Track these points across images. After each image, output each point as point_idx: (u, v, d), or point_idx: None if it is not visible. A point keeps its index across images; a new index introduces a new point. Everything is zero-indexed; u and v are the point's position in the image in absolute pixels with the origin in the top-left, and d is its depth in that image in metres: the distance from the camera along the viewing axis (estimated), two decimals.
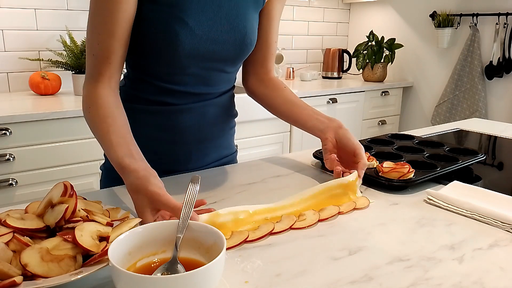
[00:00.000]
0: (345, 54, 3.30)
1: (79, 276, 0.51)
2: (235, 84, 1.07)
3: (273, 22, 1.03)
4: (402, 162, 0.97)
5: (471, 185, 0.90)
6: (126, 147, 0.76)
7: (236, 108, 1.11)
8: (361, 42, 3.16)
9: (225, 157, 1.09)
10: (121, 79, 0.99)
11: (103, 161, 1.04)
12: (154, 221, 0.68)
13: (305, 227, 0.73)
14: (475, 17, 2.81)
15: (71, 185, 0.63)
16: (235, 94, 1.09)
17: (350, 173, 0.87)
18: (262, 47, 1.04)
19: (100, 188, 1.04)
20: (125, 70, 0.99)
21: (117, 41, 0.82)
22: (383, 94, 3.12)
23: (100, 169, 1.06)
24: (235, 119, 1.11)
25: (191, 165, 1.01)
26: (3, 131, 1.73)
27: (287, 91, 1.06)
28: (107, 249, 0.50)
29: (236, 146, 1.17)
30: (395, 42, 3.09)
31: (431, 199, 0.85)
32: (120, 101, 0.86)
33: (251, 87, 1.10)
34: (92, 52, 0.83)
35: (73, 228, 0.57)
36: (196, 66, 0.92)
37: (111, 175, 0.99)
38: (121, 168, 0.74)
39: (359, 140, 1.21)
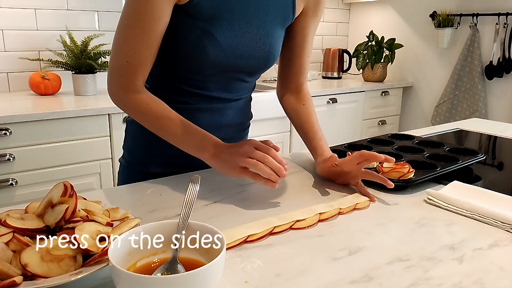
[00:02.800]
0: (345, 54, 3.30)
1: (79, 276, 0.51)
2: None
3: (308, 39, 1.04)
4: (402, 162, 0.97)
5: (471, 185, 0.90)
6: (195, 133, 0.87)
7: None
8: (361, 42, 3.16)
9: None
10: None
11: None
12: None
13: (305, 227, 0.73)
14: (475, 17, 2.81)
15: (71, 185, 0.63)
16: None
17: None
18: (296, 63, 1.06)
19: (118, 180, 1.09)
20: None
21: (153, 50, 0.86)
22: (383, 94, 3.12)
23: (119, 161, 1.10)
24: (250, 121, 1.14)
25: (201, 162, 1.02)
26: (3, 131, 1.73)
27: (305, 109, 1.07)
28: (107, 249, 0.50)
29: None
30: (395, 42, 3.09)
31: (431, 199, 0.85)
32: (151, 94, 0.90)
33: (283, 102, 1.12)
34: (126, 59, 0.85)
35: (73, 228, 0.57)
36: (219, 75, 0.95)
37: (130, 167, 1.05)
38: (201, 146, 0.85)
39: (359, 140, 1.21)
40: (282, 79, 1.10)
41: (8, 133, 1.74)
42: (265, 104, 2.34)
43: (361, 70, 3.21)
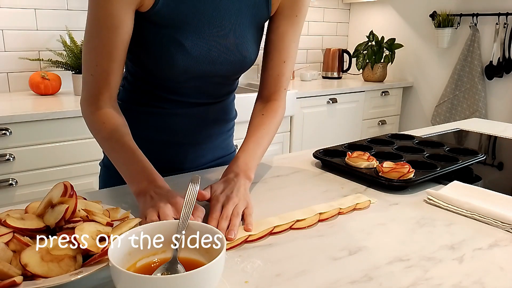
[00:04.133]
0: (345, 54, 3.30)
1: (79, 276, 0.51)
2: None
3: (284, 42, 0.93)
4: (402, 162, 0.97)
5: (471, 185, 0.90)
6: (143, 172, 0.78)
7: (236, 108, 1.11)
8: (361, 42, 3.16)
9: (221, 157, 1.09)
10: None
11: (102, 157, 1.04)
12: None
13: (305, 227, 0.73)
14: (475, 17, 2.81)
15: (71, 185, 0.63)
16: (235, 95, 1.09)
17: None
18: (270, 68, 0.95)
19: (99, 184, 1.05)
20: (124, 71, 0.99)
21: (116, 62, 0.81)
22: (383, 94, 3.12)
23: (99, 165, 1.07)
24: (235, 120, 1.11)
25: (186, 166, 1.02)
26: (3, 131, 1.73)
27: (258, 118, 0.95)
28: (107, 249, 0.50)
29: (236, 146, 1.17)
30: (395, 42, 3.09)
31: (431, 199, 0.85)
32: (122, 116, 0.86)
33: (254, 107, 1.00)
34: (90, 72, 0.82)
35: (73, 228, 0.57)
36: (194, 81, 0.91)
37: (109, 172, 1.01)
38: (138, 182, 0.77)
39: (359, 140, 1.21)
40: (260, 85, 1.00)
41: (8, 133, 1.74)
42: None
43: (361, 70, 3.21)
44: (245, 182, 0.82)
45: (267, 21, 0.95)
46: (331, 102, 2.80)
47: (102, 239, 0.58)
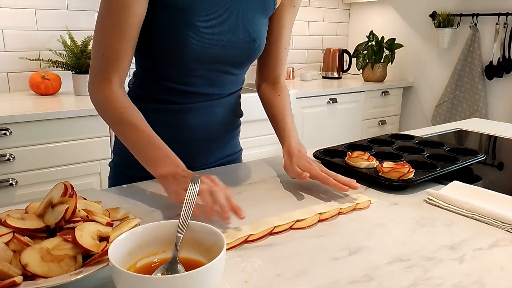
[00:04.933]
0: (345, 54, 3.30)
1: (79, 276, 0.51)
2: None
3: (284, 29, 1.03)
4: (402, 162, 0.97)
5: (471, 185, 0.90)
6: (158, 149, 0.82)
7: None
8: (361, 42, 3.16)
9: (230, 155, 1.11)
10: (130, 77, 1.01)
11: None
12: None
13: (305, 227, 0.73)
14: (475, 17, 2.81)
15: (71, 185, 0.63)
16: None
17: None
18: (272, 53, 1.05)
19: (108, 184, 1.06)
20: (134, 69, 0.99)
21: (128, 42, 0.83)
22: (383, 94, 3.12)
23: (109, 165, 1.08)
24: (241, 119, 1.13)
25: (196, 163, 1.02)
26: (3, 131, 1.73)
27: (279, 100, 1.07)
28: (107, 249, 0.50)
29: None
30: (395, 42, 3.09)
31: (431, 199, 0.85)
32: (129, 99, 0.88)
33: (260, 92, 1.11)
34: (102, 53, 0.83)
35: (73, 228, 0.57)
36: (204, 68, 0.93)
37: (120, 171, 1.03)
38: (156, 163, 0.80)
39: (359, 140, 1.21)
40: (260, 69, 1.10)
41: (8, 133, 1.74)
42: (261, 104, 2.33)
43: (361, 70, 3.21)
44: (305, 152, 0.96)
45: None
46: (331, 102, 2.80)
47: (102, 239, 0.58)
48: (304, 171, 0.88)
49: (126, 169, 1.02)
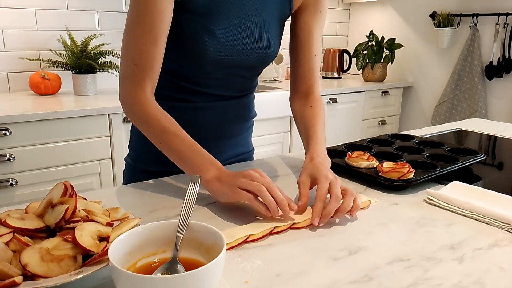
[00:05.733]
0: (345, 54, 3.30)
1: (79, 276, 0.51)
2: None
3: (313, 35, 1.00)
4: (402, 162, 0.97)
5: (471, 185, 0.90)
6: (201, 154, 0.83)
7: None
8: (361, 42, 3.16)
9: (242, 154, 1.12)
10: None
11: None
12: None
13: (304, 227, 0.73)
14: (475, 17, 2.81)
15: (71, 185, 0.63)
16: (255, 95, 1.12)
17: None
18: (303, 63, 1.01)
19: (123, 179, 1.09)
20: None
21: (160, 48, 0.84)
22: (383, 94, 3.12)
23: (125, 160, 1.10)
24: (254, 119, 1.14)
25: None
26: (3, 131, 1.73)
27: (311, 110, 1.01)
28: (107, 249, 0.50)
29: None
30: (395, 42, 3.09)
31: (431, 199, 0.85)
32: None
33: (292, 106, 1.06)
34: (133, 62, 0.83)
35: (73, 228, 0.57)
36: (220, 72, 0.94)
37: (136, 166, 1.05)
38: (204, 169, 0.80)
39: (359, 140, 1.21)
40: (293, 82, 1.06)
41: (8, 133, 1.74)
42: (265, 104, 2.34)
43: (361, 70, 3.21)
44: (329, 165, 0.87)
45: (290, 19, 1.01)
46: (331, 102, 2.80)
47: (102, 239, 0.58)
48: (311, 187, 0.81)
49: (142, 164, 1.04)
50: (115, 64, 2.27)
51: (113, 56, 2.29)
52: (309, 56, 1.01)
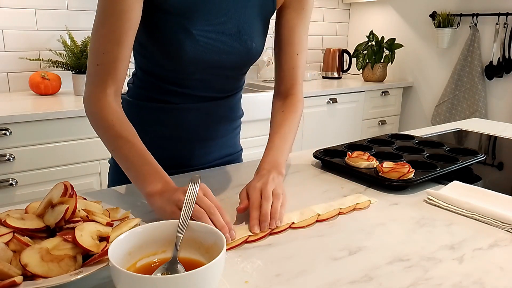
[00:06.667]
0: (345, 54, 3.30)
1: (79, 276, 0.51)
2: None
3: (295, 33, 0.95)
4: (402, 162, 0.97)
5: (471, 185, 0.90)
6: (151, 168, 0.77)
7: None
8: (361, 42, 3.16)
9: (229, 155, 1.10)
10: (129, 77, 1.00)
11: (107, 156, 1.05)
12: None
13: (304, 227, 0.73)
14: (475, 17, 2.81)
15: (71, 185, 0.63)
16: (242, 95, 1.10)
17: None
18: (284, 62, 0.97)
19: (108, 181, 1.06)
20: (133, 69, 1.00)
21: (124, 49, 0.80)
22: (383, 94, 3.12)
23: (109, 162, 1.08)
24: (241, 119, 1.12)
25: (193, 162, 1.02)
26: (3, 131, 1.73)
27: (279, 115, 0.97)
28: (107, 249, 0.50)
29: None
30: (395, 42, 3.09)
31: (431, 199, 0.85)
32: (123, 111, 0.83)
33: (272, 107, 1.02)
34: (96, 62, 0.80)
35: (73, 228, 0.57)
36: (201, 72, 0.92)
37: (119, 169, 0.99)
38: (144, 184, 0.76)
39: (359, 140, 1.21)
40: (275, 82, 1.02)
41: (8, 133, 1.74)
42: (264, 104, 2.33)
43: (361, 70, 3.21)
44: (278, 177, 0.82)
45: (274, 16, 0.97)
46: (331, 102, 2.80)
47: (102, 239, 0.58)
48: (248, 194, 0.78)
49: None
50: None
51: None
52: (291, 55, 0.96)
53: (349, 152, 1.03)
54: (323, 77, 3.36)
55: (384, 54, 3.10)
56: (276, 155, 0.88)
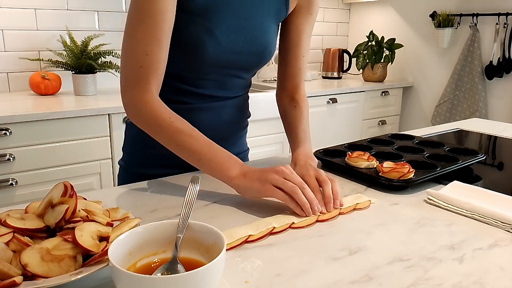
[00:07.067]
0: (345, 54, 3.30)
1: (79, 276, 0.51)
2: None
3: (302, 37, 1.03)
4: (402, 162, 0.97)
5: (471, 185, 0.90)
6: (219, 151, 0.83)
7: None
8: (361, 42, 3.16)
9: (237, 154, 1.11)
10: None
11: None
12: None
13: (304, 226, 0.73)
14: (475, 17, 2.81)
15: (71, 185, 0.63)
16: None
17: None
18: (291, 63, 1.05)
19: (118, 182, 1.08)
20: None
21: (164, 50, 0.83)
22: (383, 94, 3.12)
23: (119, 163, 1.09)
24: (248, 120, 1.15)
25: None
26: (3, 131, 1.73)
27: (295, 111, 1.05)
28: (107, 249, 0.50)
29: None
30: (395, 42, 3.09)
31: (431, 199, 0.85)
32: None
33: (278, 103, 1.11)
34: (139, 64, 0.81)
35: (73, 228, 0.57)
36: (217, 72, 0.95)
37: (130, 169, 1.05)
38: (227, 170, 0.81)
39: (359, 140, 1.21)
40: (280, 80, 1.10)
41: (8, 133, 1.74)
42: (264, 104, 2.34)
43: (361, 70, 3.21)
44: (315, 164, 0.90)
45: (284, 21, 1.03)
46: (331, 102, 2.80)
47: (102, 239, 0.58)
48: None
49: (135, 168, 1.04)
50: (115, 64, 2.27)
51: (113, 56, 2.29)
52: (298, 57, 1.05)
53: (349, 152, 1.03)
54: (323, 77, 3.37)
55: (384, 54, 3.10)
56: (306, 148, 0.96)
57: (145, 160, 1.03)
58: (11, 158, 1.77)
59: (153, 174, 0.99)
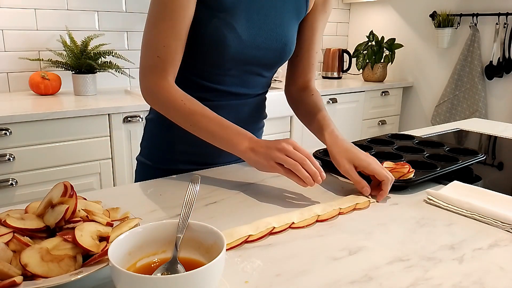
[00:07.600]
0: (345, 54, 3.30)
1: (79, 276, 0.51)
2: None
3: (316, 34, 1.06)
4: (402, 162, 0.97)
5: (471, 185, 0.90)
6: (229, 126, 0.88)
7: None
8: (361, 42, 3.16)
9: None
10: None
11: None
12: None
13: (303, 226, 0.73)
14: (475, 17, 2.81)
15: (71, 185, 0.63)
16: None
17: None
18: (304, 58, 1.08)
19: (135, 179, 1.10)
20: None
21: (182, 42, 0.89)
22: (383, 94, 3.12)
23: (136, 159, 1.11)
24: (264, 120, 1.17)
25: (221, 159, 1.07)
26: (3, 131, 1.73)
27: (313, 97, 1.08)
28: (107, 249, 0.50)
29: None
30: (395, 42, 3.09)
31: (431, 199, 0.85)
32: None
33: (290, 95, 1.13)
34: (157, 54, 0.88)
35: (73, 228, 0.57)
36: (238, 69, 0.97)
37: (149, 165, 1.07)
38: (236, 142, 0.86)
39: (359, 140, 1.21)
40: (290, 75, 1.12)
41: (8, 133, 1.74)
42: (268, 103, 2.32)
43: (361, 70, 3.21)
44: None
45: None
46: (331, 102, 2.80)
47: (102, 239, 0.58)
48: (363, 168, 0.87)
49: (155, 163, 1.06)
50: (115, 64, 2.27)
51: (113, 56, 2.29)
52: (311, 53, 1.08)
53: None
54: (323, 77, 3.37)
55: (384, 54, 3.10)
56: (337, 129, 0.99)
57: (166, 155, 1.04)
58: (11, 158, 1.77)
59: (173, 169, 1.01)
